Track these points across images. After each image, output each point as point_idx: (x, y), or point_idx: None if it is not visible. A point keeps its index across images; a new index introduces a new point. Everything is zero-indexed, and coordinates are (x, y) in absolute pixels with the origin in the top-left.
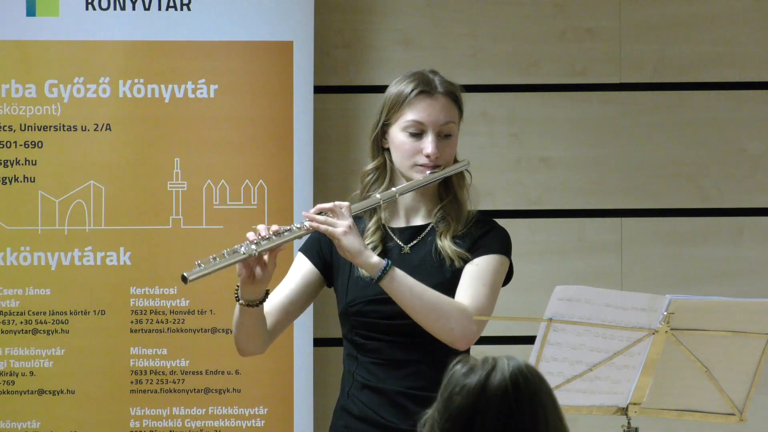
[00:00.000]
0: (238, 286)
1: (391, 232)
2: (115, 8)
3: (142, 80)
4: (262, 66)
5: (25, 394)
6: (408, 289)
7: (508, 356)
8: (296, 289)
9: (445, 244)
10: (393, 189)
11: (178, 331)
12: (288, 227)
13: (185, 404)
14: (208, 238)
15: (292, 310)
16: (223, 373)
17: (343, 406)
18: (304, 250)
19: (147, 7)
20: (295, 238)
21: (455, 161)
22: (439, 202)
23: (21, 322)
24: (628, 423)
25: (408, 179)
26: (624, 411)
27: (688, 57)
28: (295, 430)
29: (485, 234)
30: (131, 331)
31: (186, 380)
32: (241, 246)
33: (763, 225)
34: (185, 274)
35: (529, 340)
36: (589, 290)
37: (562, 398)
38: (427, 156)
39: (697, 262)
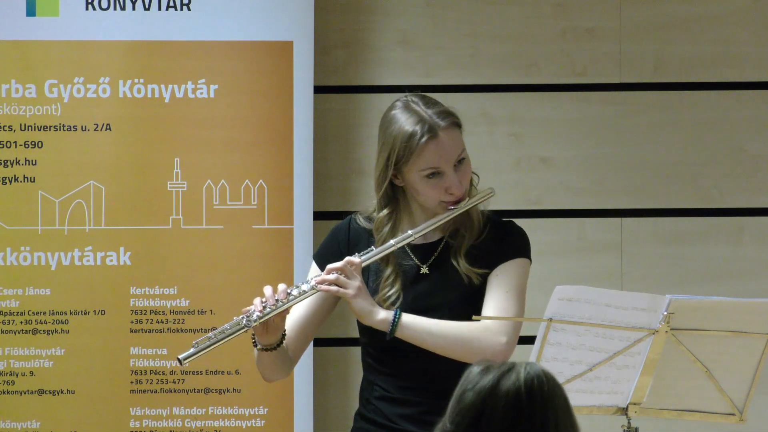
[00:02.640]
0: (254, 333)
1: (408, 250)
2: (115, 8)
3: (142, 80)
4: (262, 66)
5: (25, 394)
6: (424, 332)
7: (528, 362)
8: (311, 308)
9: (460, 264)
10: (409, 232)
11: (178, 331)
12: (296, 289)
13: (185, 404)
14: (208, 238)
15: (310, 330)
16: (223, 373)
17: (362, 414)
18: (319, 258)
19: (147, 7)
20: (303, 299)
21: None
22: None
23: (21, 322)
24: (628, 423)
25: (429, 211)
26: (624, 411)
27: (688, 57)
28: (295, 430)
29: (502, 240)
30: (131, 331)
31: (186, 380)
32: (243, 317)
33: (763, 225)
34: (179, 357)
35: (529, 340)
36: (589, 290)
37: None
38: (452, 194)
39: (697, 262)
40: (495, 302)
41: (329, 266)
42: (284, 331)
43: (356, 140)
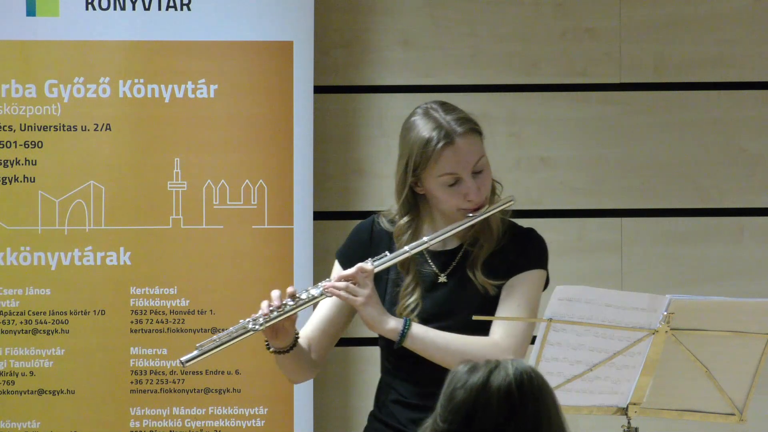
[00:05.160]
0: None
1: (427, 257)
2: (115, 8)
3: (142, 80)
4: (262, 66)
5: (25, 394)
6: (431, 344)
7: (514, 359)
8: (334, 308)
9: (477, 276)
10: (425, 239)
11: (178, 331)
12: (306, 293)
13: (185, 404)
14: (208, 238)
15: (334, 331)
16: (223, 373)
17: (376, 415)
18: (342, 257)
19: (147, 7)
20: (309, 305)
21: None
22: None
23: (21, 322)
24: (628, 423)
25: (450, 218)
26: (624, 411)
27: (688, 57)
28: (295, 430)
29: (521, 250)
30: (131, 331)
31: (186, 380)
32: (249, 321)
33: (763, 225)
34: (182, 359)
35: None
36: (589, 290)
37: (562, 398)
38: (470, 200)
39: (697, 262)
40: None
41: (340, 275)
42: (296, 333)
43: (356, 140)
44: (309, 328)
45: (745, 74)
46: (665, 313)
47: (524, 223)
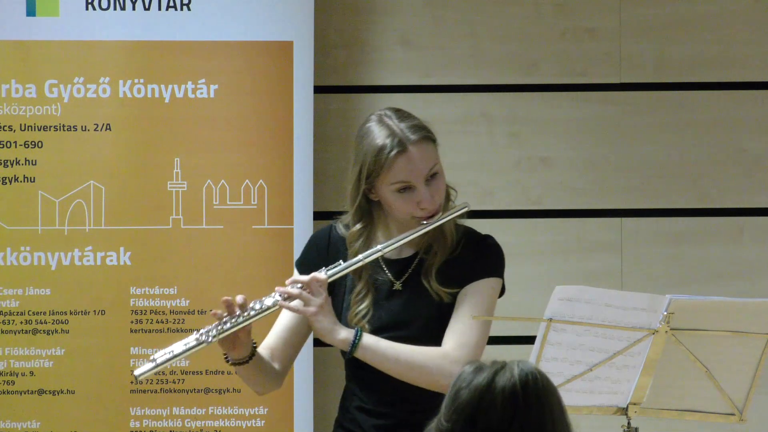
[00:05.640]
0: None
1: (383, 265)
2: (115, 8)
3: (142, 80)
4: (262, 66)
5: (25, 394)
6: (381, 354)
7: (520, 360)
8: (295, 318)
9: (431, 284)
10: (378, 247)
11: (178, 331)
12: (259, 303)
13: (185, 404)
14: (208, 238)
15: (296, 340)
16: (223, 373)
17: (340, 422)
18: (299, 266)
19: (147, 7)
20: (263, 316)
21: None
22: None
23: (21, 322)
24: (628, 423)
25: (404, 225)
26: (624, 411)
27: (688, 57)
28: (295, 430)
29: (476, 258)
30: (131, 331)
31: (186, 380)
32: (201, 332)
33: (763, 225)
34: (136, 374)
35: (529, 340)
36: (589, 290)
37: (562, 398)
38: (423, 208)
39: (697, 262)
40: (460, 327)
41: (293, 278)
42: (254, 343)
43: None
44: (271, 338)
45: (745, 74)
46: (665, 313)
47: (525, 223)
